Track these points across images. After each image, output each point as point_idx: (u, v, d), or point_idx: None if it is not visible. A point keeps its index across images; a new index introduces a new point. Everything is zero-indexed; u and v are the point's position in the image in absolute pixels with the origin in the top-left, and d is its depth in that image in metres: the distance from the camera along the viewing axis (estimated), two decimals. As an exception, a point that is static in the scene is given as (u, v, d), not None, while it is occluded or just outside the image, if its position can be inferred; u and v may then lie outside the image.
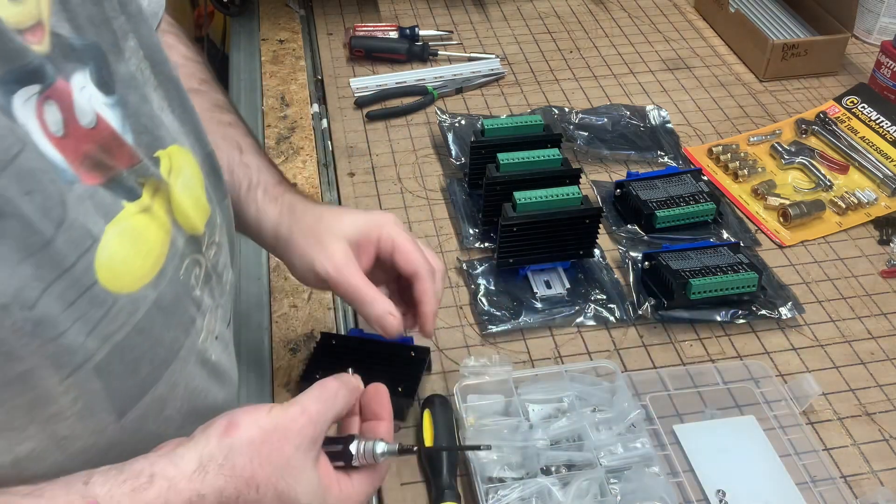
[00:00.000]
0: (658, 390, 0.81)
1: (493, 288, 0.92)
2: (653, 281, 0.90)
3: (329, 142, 1.15)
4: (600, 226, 0.92)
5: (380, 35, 1.32)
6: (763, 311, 0.89)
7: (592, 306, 0.90)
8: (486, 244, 0.97)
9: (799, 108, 1.22)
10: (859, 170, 1.10)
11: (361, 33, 1.32)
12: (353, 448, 0.56)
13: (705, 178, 1.03)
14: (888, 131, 1.13)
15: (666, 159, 1.11)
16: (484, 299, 0.90)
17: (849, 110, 1.17)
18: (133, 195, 0.49)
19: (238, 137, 0.75)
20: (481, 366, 0.79)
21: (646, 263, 0.90)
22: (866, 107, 1.17)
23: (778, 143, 1.13)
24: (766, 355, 0.86)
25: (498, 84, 1.27)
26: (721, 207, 1.02)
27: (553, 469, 0.72)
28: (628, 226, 0.99)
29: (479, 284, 0.92)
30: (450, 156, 1.10)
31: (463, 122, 1.15)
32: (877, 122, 1.15)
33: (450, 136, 1.12)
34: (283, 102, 1.21)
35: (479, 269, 0.94)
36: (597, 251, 0.94)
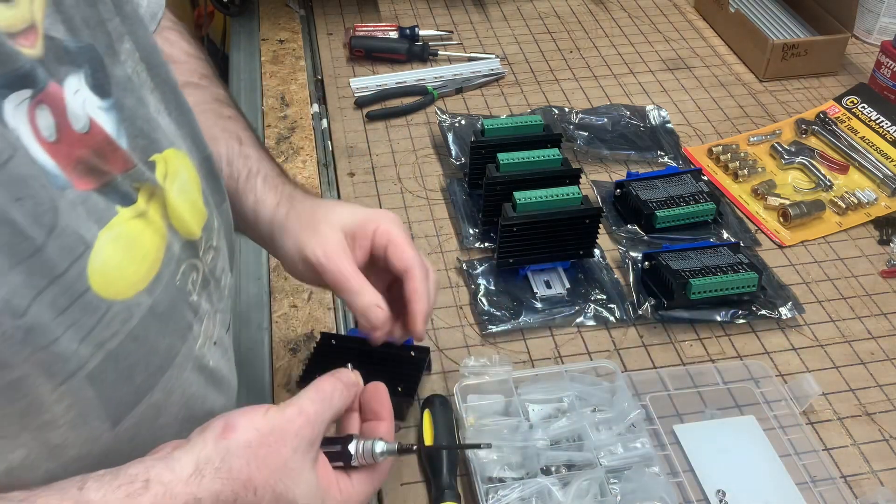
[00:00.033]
0: (658, 390, 0.81)
1: (493, 288, 0.92)
2: (653, 281, 0.90)
3: (329, 142, 1.15)
4: (600, 226, 0.92)
5: (380, 35, 1.32)
6: (763, 311, 0.89)
7: (592, 306, 0.90)
8: (486, 244, 0.97)
9: (799, 108, 1.22)
10: (859, 170, 1.10)
11: (361, 33, 1.32)
12: (351, 448, 0.55)
13: (705, 178, 1.03)
14: (888, 131, 1.13)
15: (666, 159, 1.11)
16: (484, 299, 0.90)
17: (849, 110, 1.17)
18: (128, 200, 0.49)
19: (238, 130, 0.74)
20: (481, 366, 0.79)
21: (646, 263, 0.90)
22: (866, 107, 1.17)
23: (778, 143, 1.13)
24: (766, 355, 0.86)
25: (498, 84, 1.27)
26: (721, 207, 1.02)
27: (553, 469, 0.72)
28: (628, 226, 0.99)
29: (479, 284, 0.92)
30: (450, 156, 1.10)
31: (463, 122, 1.15)
32: (877, 122, 1.15)
33: (450, 136, 1.12)
34: (283, 102, 1.21)
35: (479, 269, 0.94)
36: (597, 251, 0.94)
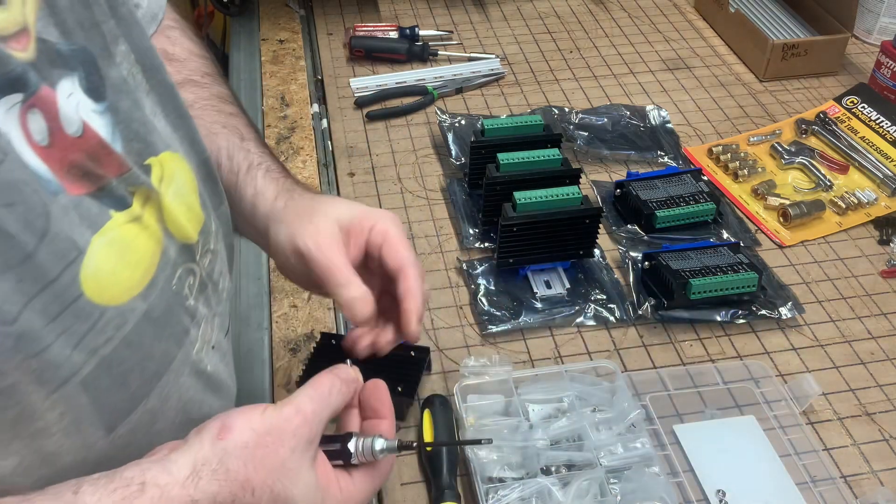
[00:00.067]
0: (658, 390, 0.81)
1: (493, 288, 0.92)
2: (653, 281, 0.90)
3: (329, 142, 1.15)
4: (600, 226, 0.92)
5: (380, 35, 1.32)
6: (763, 311, 0.89)
7: (592, 306, 0.90)
8: (486, 244, 0.97)
9: (799, 108, 1.22)
10: (859, 170, 1.10)
11: (361, 33, 1.32)
12: (351, 446, 0.55)
13: (705, 178, 1.03)
14: (888, 131, 1.13)
15: (666, 159, 1.11)
16: (484, 299, 0.90)
17: (849, 110, 1.17)
18: (122, 204, 0.48)
19: (240, 126, 0.73)
20: (481, 366, 0.79)
21: (646, 263, 0.90)
22: (866, 107, 1.17)
23: (778, 143, 1.13)
24: (766, 355, 0.86)
25: (498, 84, 1.27)
26: (721, 207, 1.02)
27: (553, 469, 0.72)
28: (628, 226, 0.99)
29: (479, 284, 0.92)
30: (450, 156, 1.10)
31: (463, 122, 1.15)
32: (877, 122, 1.15)
33: (450, 136, 1.12)
34: (283, 102, 1.21)
35: (479, 269, 0.94)
36: (597, 251, 0.94)
